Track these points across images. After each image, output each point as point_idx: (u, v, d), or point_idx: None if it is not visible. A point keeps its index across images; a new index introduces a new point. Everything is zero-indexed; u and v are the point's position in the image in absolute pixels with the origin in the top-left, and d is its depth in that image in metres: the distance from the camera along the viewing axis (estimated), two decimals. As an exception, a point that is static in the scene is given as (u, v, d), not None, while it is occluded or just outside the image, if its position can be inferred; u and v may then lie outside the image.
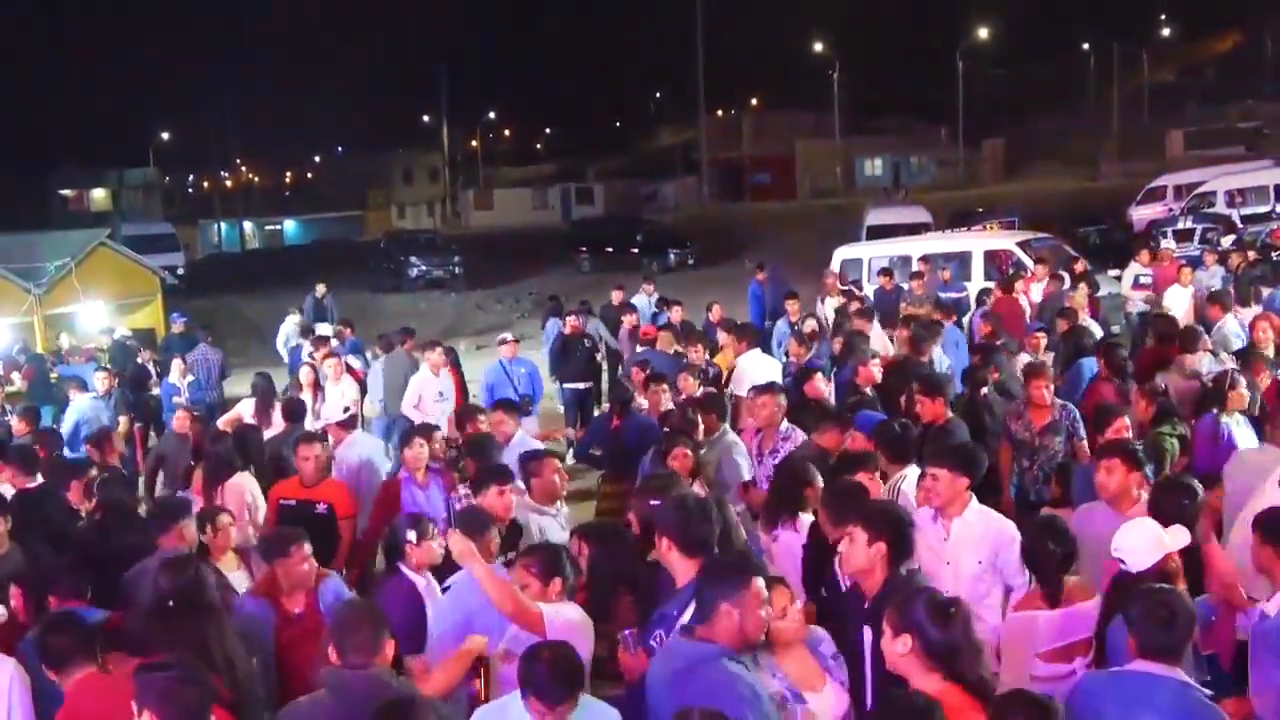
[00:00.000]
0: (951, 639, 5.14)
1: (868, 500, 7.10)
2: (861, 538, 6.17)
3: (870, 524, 6.21)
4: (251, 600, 7.70)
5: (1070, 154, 76.15)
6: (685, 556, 6.32)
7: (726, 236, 54.78)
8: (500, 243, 61.06)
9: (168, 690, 5.15)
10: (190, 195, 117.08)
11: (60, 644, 6.39)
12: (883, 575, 6.14)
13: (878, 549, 6.13)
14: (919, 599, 5.31)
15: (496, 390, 16.21)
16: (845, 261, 25.04)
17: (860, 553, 6.17)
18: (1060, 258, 23.22)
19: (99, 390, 16.87)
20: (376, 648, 5.82)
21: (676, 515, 6.56)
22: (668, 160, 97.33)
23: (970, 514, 7.51)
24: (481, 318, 39.01)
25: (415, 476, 10.23)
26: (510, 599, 6.54)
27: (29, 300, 22.49)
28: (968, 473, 7.59)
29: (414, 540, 7.57)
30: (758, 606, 5.45)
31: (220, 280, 50.03)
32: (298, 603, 7.60)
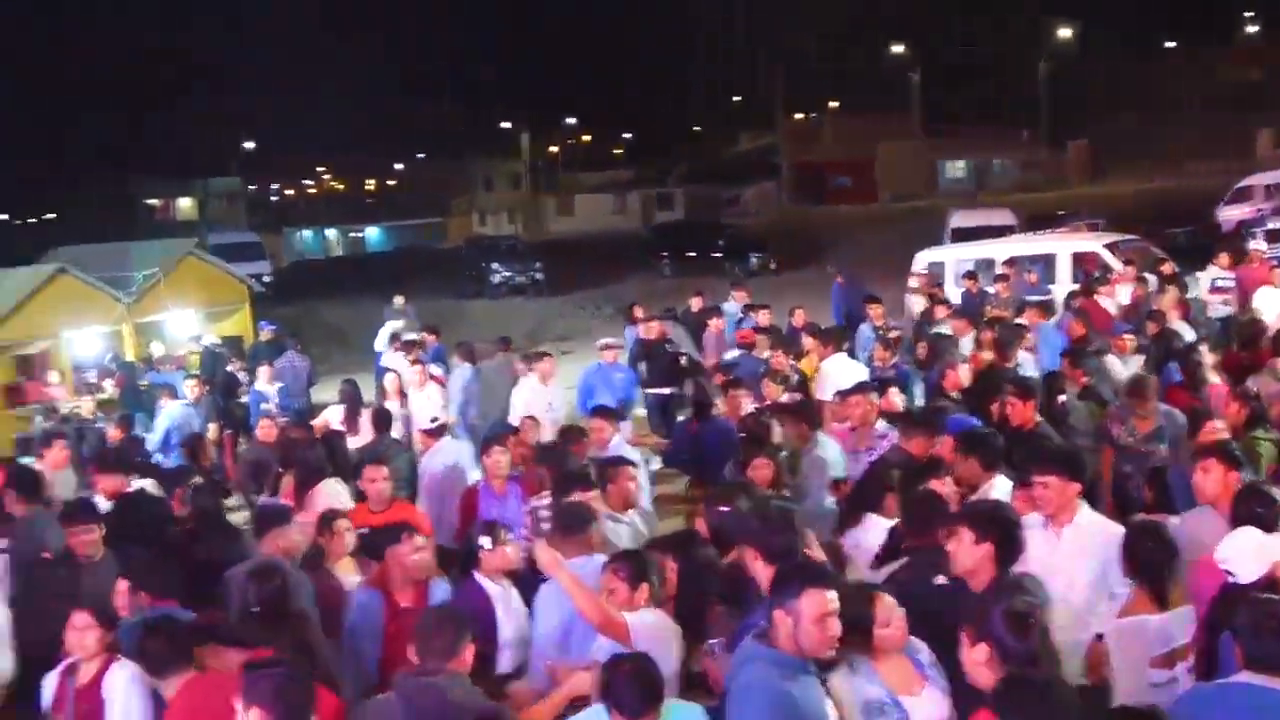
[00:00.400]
0: (1029, 648, 5.09)
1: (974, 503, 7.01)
2: (968, 538, 6.18)
3: (976, 524, 6.23)
4: (363, 591, 7.82)
5: (1156, 154, 75.10)
6: (769, 565, 6.34)
7: (807, 240, 54.60)
8: (581, 248, 61.20)
9: (276, 688, 5.22)
10: (274, 203, 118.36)
11: (157, 648, 6.48)
12: (989, 576, 6.11)
13: (985, 549, 6.13)
14: (997, 608, 5.27)
15: (595, 394, 16.26)
16: (929, 264, 24.83)
17: (967, 553, 6.18)
18: (1148, 259, 22.91)
19: (189, 397, 17.10)
20: (454, 652, 5.91)
21: (758, 525, 6.60)
22: (747, 164, 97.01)
23: (1082, 520, 7.33)
24: (563, 324, 39.09)
25: (493, 485, 10.24)
26: (596, 608, 6.55)
27: (119, 309, 22.79)
28: (1077, 478, 7.45)
29: (488, 546, 7.61)
30: (815, 617, 5.40)
31: (305, 288, 50.51)
32: (408, 596, 7.75)
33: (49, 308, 21.80)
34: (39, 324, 21.78)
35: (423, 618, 6.28)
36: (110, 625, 7.03)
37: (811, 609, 5.40)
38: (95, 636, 6.94)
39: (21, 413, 20.71)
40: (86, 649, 6.97)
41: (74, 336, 22.52)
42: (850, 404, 10.90)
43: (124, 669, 6.86)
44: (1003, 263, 22.83)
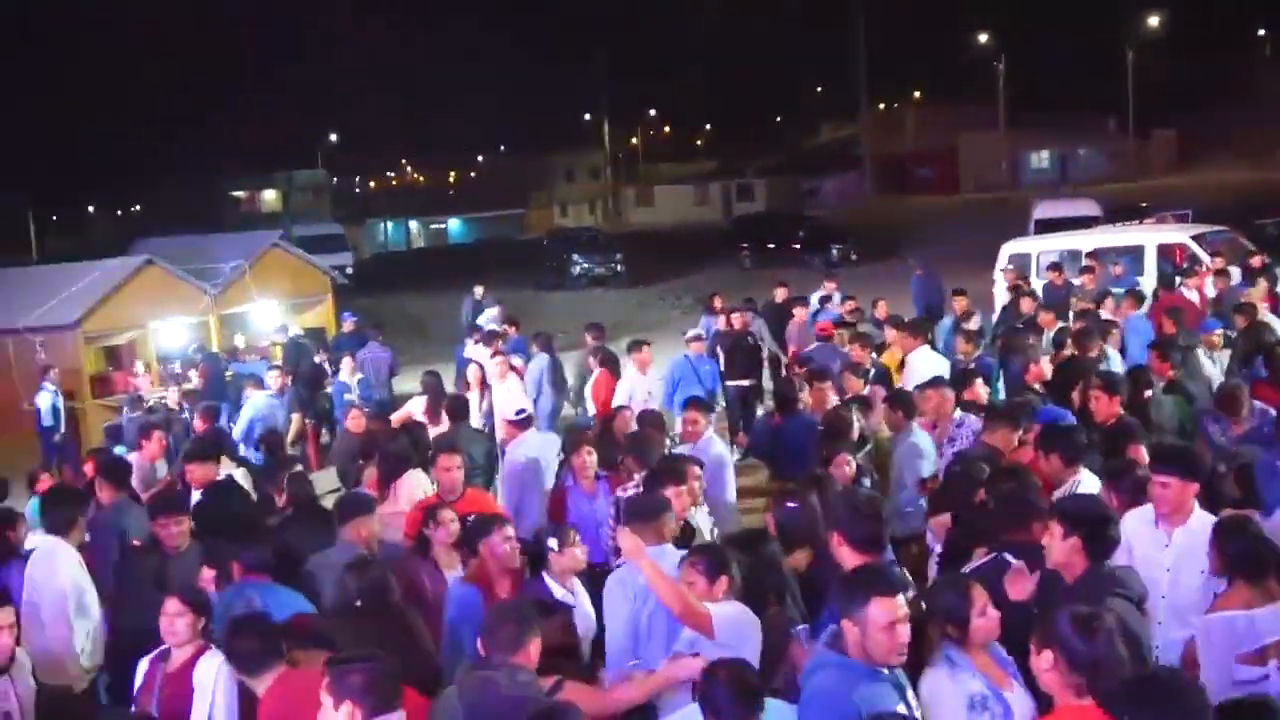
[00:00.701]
0: (1095, 652, 5.01)
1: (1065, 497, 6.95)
2: (1058, 532, 6.23)
3: (1065, 518, 6.26)
4: (461, 586, 7.88)
5: (1244, 144, 73.97)
6: (856, 553, 6.45)
7: (888, 232, 54.27)
8: (661, 239, 61.22)
9: (367, 681, 5.25)
10: (357, 195, 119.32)
11: (247, 647, 6.52)
12: (1081, 569, 6.12)
13: (1072, 543, 6.16)
14: (1062, 612, 5.21)
15: (683, 386, 16.28)
16: (1013, 256, 24.60)
17: (1058, 547, 6.24)
18: (1237, 251, 22.57)
19: (273, 388, 17.26)
20: (518, 647, 5.93)
21: (845, 513, 6.64)
22: (828, 155, 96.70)
23: (1195, 522, 7.21)
24: (643, 315, 39.09)
25: (581, 485, 10.23)
26: (679, 598, 6.54)
27: (205, 300, 23.05)
28: (1197, 478, 7.38)
29: (555, 548, 7.62)
30: (883, 625, 5.34)
31: (387, 279, 50.82)
32: (505, 588, 7.79)
33: (136, 299, 22.08)
34: (126, 315, 22.07)
35: (490, 611, 6.29)
36: (201, 612, 7.07)
37: (879, 617, 5.35)
38: (186, 622, 6.98)
39: (109, 402, 21.01)
40: (178, 635, 7.01)
41: (160, 327, 22.80)
42: (926, 398, 10.82)
43: (214, 657, 6.91)
44: (1087, 254, 22.59)
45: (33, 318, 21.15)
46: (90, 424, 20.52)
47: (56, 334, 20.86)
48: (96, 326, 21.43)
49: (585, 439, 10.56)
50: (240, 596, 7.64)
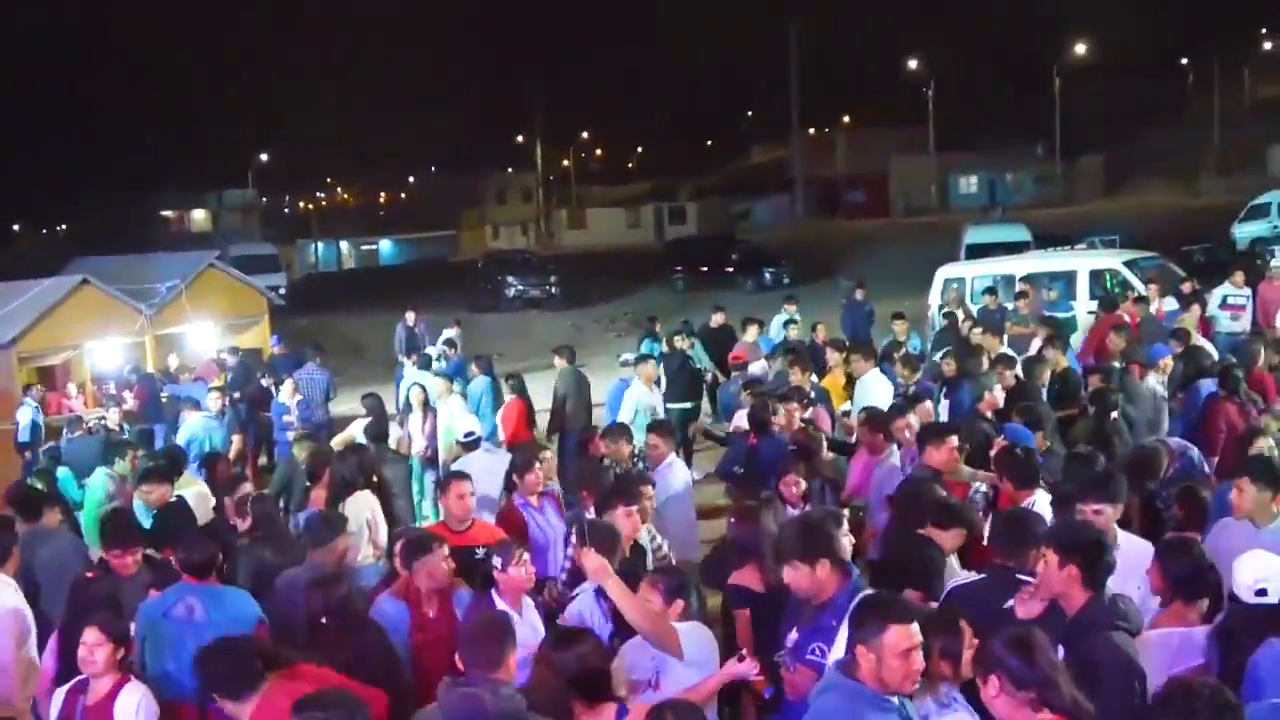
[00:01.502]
0: (1036, 668, 5.06)
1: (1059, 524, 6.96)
2: (1054, 560, 6.18)
3: (1060, 546, 6.21)
4: (388, 601, 7.84)
5: (1171, 170, 75.16)
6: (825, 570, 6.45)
7: (820, 255, 54.61)
8: (595, 262, 61.29)
9: None
10: (287, 215, 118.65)
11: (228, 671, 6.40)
12: (1081, 598, 6.13)
13: (1069, 572, 6.13)
14: (996, 638, 5.27)
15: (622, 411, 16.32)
16: (948, 280, 24.84)
17: (1054, 576, 6.18)
18: (1168, 278, 22.91)
19: (212, 409, 17.13)
20: (498, 661, 5.86)
21: (796, 532, 6.67)
22: (760, 178, 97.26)
23: (1124, 544, 7.32)
24: (579, 337, 39.07)
25: (531, 500, 10.25)
26: (647, 615, 6.59)
27: (140, 320, 22.82)
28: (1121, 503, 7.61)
29: (499, 566, 7.57)
30: (899, 652, 5.34)
31: (318, 300, 50.63)
32: (433, 606, 7.77)
33: (71, 319, 21.80)
34: (61, 335, 21.80)
35: (468, 626, 6.26)
36: (121, 642, 6.92)
37: (895, 644, 5.34)
38: (105, 653, 6.81)
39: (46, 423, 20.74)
40: (96, 665, 6.84)
41: (95, 348, 22.57)
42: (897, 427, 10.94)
43: (136, 690, 6.82)
44: (1021, 279, 22.86)
45: (-36, 337, 20.85)
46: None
47: (-11, 354, 20.58)
48: (30, 346, 21.14)
49: (537, 456, 10.56)
50: (179, 601, 7.58)
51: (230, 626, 7.21)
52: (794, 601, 6.69)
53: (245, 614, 7.62)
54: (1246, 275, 20.98)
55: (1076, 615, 6.07)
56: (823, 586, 6.43)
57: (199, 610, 7.46)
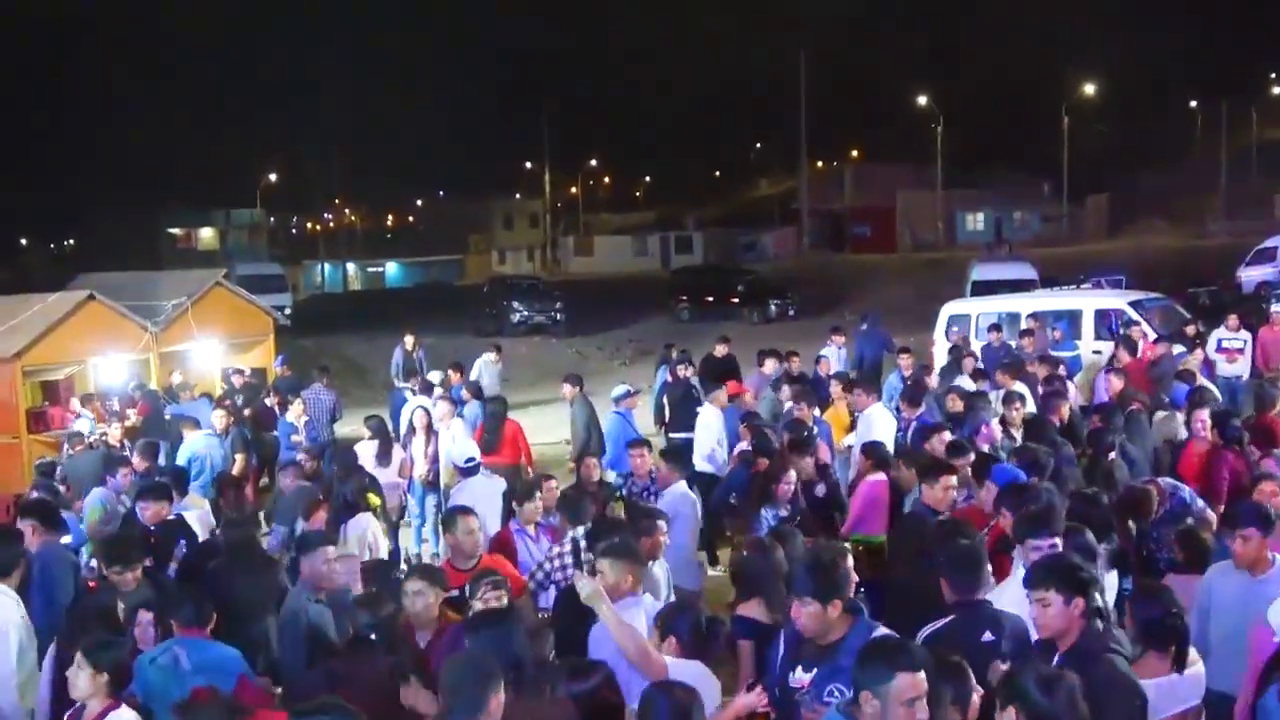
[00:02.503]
0: (1056, 707, 5.10)
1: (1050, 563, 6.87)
2: (1058, 599, 6.17)
3: (1065, 583, 6.22)
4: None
5: (1176, 212, 75.25)
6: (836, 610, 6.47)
7: (826, 287, 54.72)
8: (600, 289, 61.34)
9: None
10: (294, 236, 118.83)
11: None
12: (1078, 630, 6.15)
13: (1076, 604, 6.15)
14: (1025, 671, 5.30)
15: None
16: (953, 317, 24.88)
17: (1059, 614, 6.17)
18: (1173, 319, 22.94)
19: (217, 428, 17.12)
20: (480, 705, 5.63)
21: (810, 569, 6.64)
22: (766, 210, 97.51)
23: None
24: (583, 364, 39.11)
25: (528, 529, 10.26)
26: (635, 643, 6.60)
27: (145, 337, 22.82)
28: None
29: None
30: (904, 700, 5.29)
31: (323, 321, 50.60)
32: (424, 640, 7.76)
33: (76, 334, 21.78)
34: (66, 350, 21.80)
35: (444, 669, 5.99)
36: (106, 669, 6.87)
37: (901, 692, 5.29)
38: (86, 676, 6.81)
39: (45, 438, 20.74)
40: (78, 690, 6.87)
41: (100, 363, 22.57)
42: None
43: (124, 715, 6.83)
44: (1027, 317, 22.89)
45: (-31, 350, 20.85)
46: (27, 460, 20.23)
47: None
48: (35, 360, 21.12)
49: (539, 487, 10.57)
50: (166, 652, 7.56)
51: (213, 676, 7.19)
52: (792, 635, 6.67)
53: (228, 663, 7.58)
54: (1249, 319, 21.03)
55: (1074, 644, 6.09)
56: (832, 626, 6.44)
57: (183, 661, 7.44)
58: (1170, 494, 10.41)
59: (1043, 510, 8.21)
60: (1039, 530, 7.67)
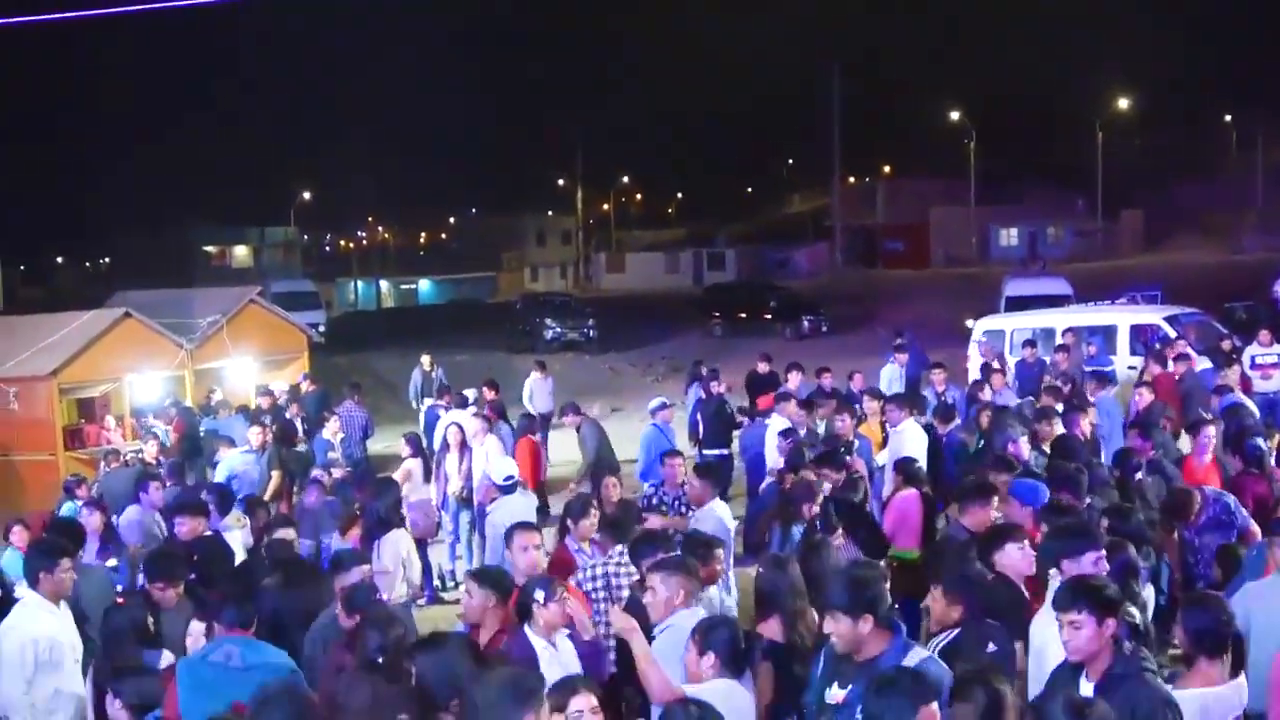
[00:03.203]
0: None
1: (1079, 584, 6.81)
2: (1089, 621, 6.06)
3: (1096, 604, 6.11)
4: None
5: (1211, 226, 74.81)
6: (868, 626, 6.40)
7: (859, 304, 54.61)
8: (632, 306, 61.34)
9: None
10: (328, 253, 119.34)
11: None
12: (1110, 655, 6.08)
13: (1108, 625, 6.07)
14: (1055, 698, 5.28)
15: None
16: (987, 333, 24.79)
17: (1091, 635, 6.07)
18: (1209, 334, 22.82)
19: (253, 444, 17.17)
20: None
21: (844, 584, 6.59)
22: (799, 226, 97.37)
23: None
24: (616, 381, 39.14)
25: (583, 546, 10.26)
26: (657, 682, 6.57)
27: (180, 354, 22.96)
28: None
29: (541, 600, 7.51)
30: None
31: (356, 338, 50.76)
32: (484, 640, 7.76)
33: (112, 352, 21.94)
34: (102, 367, 21.95)
35: (485, 685, 5.89)
36: (128, 703, 6.94)
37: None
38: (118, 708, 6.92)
39: (81, 455, 20.87)
40: None
41: (135, 381, 22.70)
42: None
43: None
44: (1062, 332, 22.79)
45: (7, 368, 21.00)
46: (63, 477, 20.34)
47: (30, 384, 20.71)
48: (71, 378, 21.28)
49: (592, 504, 10.59)
50: (218, 649, 7.58)
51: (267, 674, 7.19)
52: (830, 651, 6.63)
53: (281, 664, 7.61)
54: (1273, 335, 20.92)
55: (1109, 669, 5.99)
56: (865, 642, 6.36)
57: (236, 658, 7.45)
58: (1213, 500, 10.36)
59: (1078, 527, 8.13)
60: (1077, 548, 7.58)
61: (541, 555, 9.13)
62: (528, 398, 24.27)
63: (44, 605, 8.66)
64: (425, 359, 25.65)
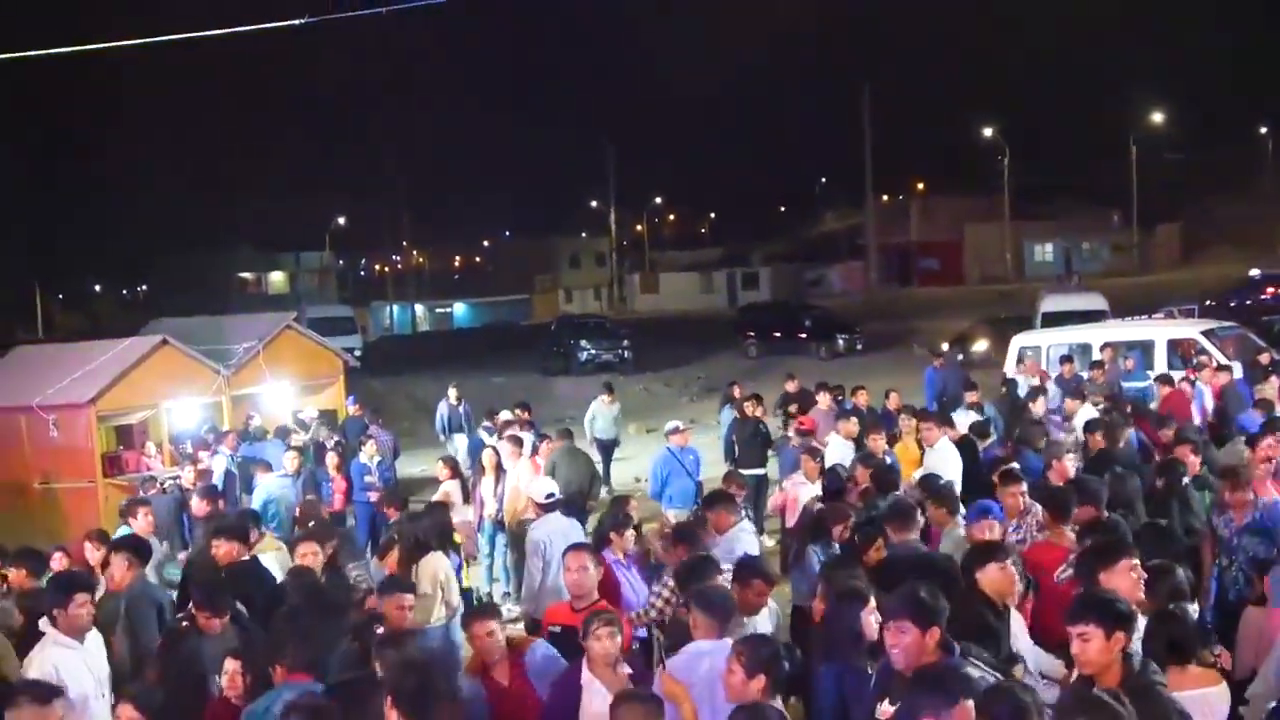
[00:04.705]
0: None
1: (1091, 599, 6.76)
2: (1098, 634, 6.06)
3: (1105, 618, 6.10)
4: (465, 681, 7.82)
5: (1248, 240, 74.32)
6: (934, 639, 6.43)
7: (894, 322, 54.53)
8: (667, 326, 61.42)
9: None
10: (363, 278, 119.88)
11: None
12: (1120, 669, 6.05)
13: (1117, 640, 6.05)
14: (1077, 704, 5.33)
15: (672, 480, 16.50)
16: (1024, 349, 24.68)
17: (1100, 648, 6.06)
18: (1247, 348, 22.67)
19: (288, 469, 17.24)
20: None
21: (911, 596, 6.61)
22: (833, 245, 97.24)
23: None
24: (651, 401, 39.13)
25: (620, 559, 10.29)
26: None
27: (217, 381, 23.03)
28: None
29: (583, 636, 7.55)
30: None
31: (393, 362, 50.98)
32: (504, 674, 7.80)
33: (150, 378, 21.98)
34: (140, 394, 22.01)
35: None
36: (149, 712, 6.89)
37: None
38: None
39: (120, 482, 20.93)
40: None
41: (172, 407, 22.79)
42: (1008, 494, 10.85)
43: None
44: (1100, 348, 22.68)
45: (46, 395, 21.08)
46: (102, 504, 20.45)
47: (69, 412, 20.79)
48: (110, 405, 21.34)
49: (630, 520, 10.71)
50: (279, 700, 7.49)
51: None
52: (885, 668, 6.63)
53: None
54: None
55: (1121, 680, 5.95)
56: (924, 654, 6.35)
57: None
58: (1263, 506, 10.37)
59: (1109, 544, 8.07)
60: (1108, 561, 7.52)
61: (593, 576, 9.06)
62: (589, 420, 24.17)
63: (61, 641, 8.63)
64: (452, 391, 25.49)
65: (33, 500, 20.40)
